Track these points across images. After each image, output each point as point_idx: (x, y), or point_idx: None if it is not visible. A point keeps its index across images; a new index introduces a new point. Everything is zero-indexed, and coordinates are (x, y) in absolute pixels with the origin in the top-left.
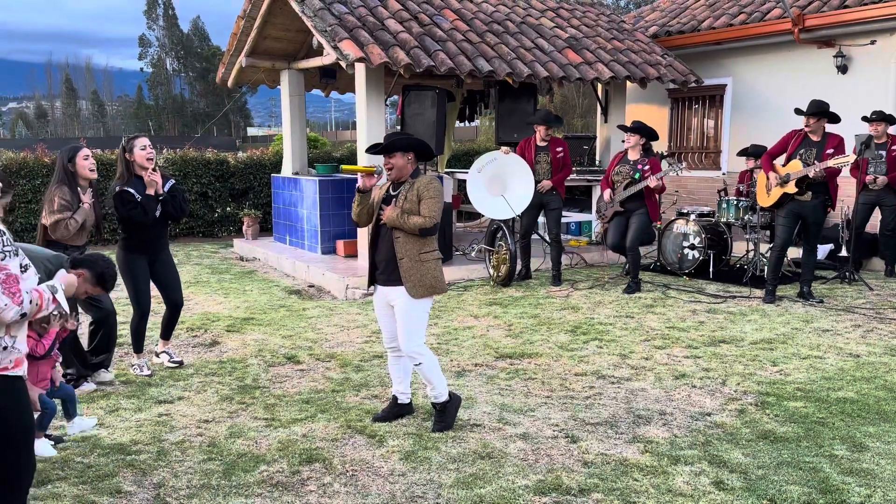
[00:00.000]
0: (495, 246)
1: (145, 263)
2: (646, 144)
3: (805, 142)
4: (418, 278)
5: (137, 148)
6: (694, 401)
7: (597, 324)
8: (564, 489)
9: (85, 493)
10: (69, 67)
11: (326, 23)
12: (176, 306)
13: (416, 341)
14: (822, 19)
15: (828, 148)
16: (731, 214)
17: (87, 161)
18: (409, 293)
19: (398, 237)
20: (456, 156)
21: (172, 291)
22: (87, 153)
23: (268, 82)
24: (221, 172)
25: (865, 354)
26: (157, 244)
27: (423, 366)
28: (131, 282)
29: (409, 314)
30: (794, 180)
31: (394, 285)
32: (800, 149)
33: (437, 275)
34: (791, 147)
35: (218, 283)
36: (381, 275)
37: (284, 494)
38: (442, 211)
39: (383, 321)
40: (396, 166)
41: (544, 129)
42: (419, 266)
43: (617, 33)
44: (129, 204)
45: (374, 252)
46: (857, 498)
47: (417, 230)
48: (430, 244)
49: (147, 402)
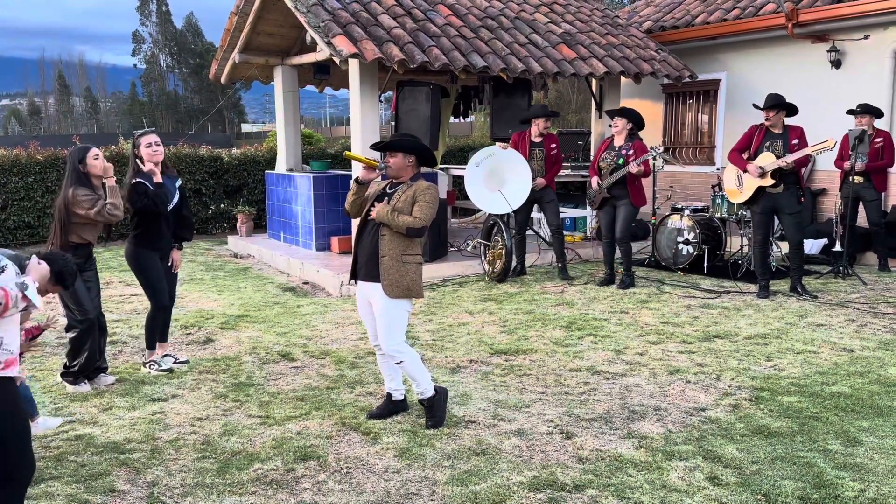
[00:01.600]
0: (491, 241)
1: (157, 258)
2: (632, 130)
3: (768, 135)
4: (396, 278)
5: (143, 145)
6: (688, 396)
7: (591, 319)
8: (559, 485)
9: (78, 491)
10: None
11: (320, 18)
12: (171, 300)
13: (396, 340)
14: (815, 14)
15: (792, 139)
16: (725, 209)
17: (98, 160)
18: (384, 291)
19: (384, 234)
20: (450, 151)
21: (170, 289)
22: (97, 152)
23: (261, 78)
24: (215, 169)
25: (859, 349)
26: (168, 240)
27: (404, 364)
28: (145, 277)
29: (387, 313)
30: (770, 172)
31: (372, 281)
32: (765, 142)
33: (416, 278)
34: (756, 141)
35: (212, 280)
36: (362, 269)
37: (279, 492)
38: (433, 218)
39: (365, 318)
40: (395, 165)
41: (543, 123)
42: (399, 266)
43: (611, 28)
44: (144, 195)
45: (358, 246)
46: (850, 492)
47: (405, 229)
48: (414, 247)
49: (141, 400)
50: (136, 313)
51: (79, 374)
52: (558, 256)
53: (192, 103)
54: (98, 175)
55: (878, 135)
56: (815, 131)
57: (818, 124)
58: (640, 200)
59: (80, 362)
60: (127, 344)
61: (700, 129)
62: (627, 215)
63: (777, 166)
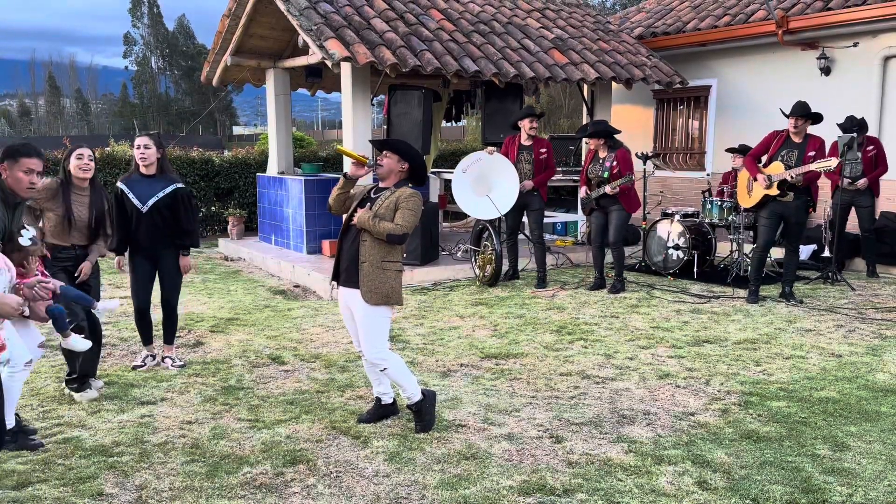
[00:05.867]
0: (481, 246)
1: (143, 261)
2: (608, 142)
3: (787, 143)
4: (375, 285)
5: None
6: (678, 401)
7: (582, 324)
8: (549, 489)
9: (66, 495)
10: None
11: (312, 22)
12: (166, 304)
13: (378, 347)
14: (805, 21)
15: (809, 150)
16: (715, 215)
17: (80, 161)
18: (363, 297)
19: (365, 240)
20: (442, 155)
21: (162, 289)
22: (81, 153)
23: (253, 81)
24: (206, 171)
25: (847, 354)
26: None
27: (388, 370)
28: (130, 279)
29: (367, 321)
30: (776, 182)
31: (352, 287)
32: (782, 150)
33: (395, 286)
34: (773, 148)
35: (202, 283)
36: (343, 274)
37: (268, 496)
38: (415, 226)
39: (348, 324)
40: (387, 166)
41: (529, 123)
42: (379, 273)
43: (602, 34)
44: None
45: (341, 250)
46: (838, 497)
47: (385, 235)
48: (395, 254)
49: (129, 404)
50: (125, 316)
51: (83, 379)
52: (538, 266)
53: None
54: (77, 176)
55: (869, 142)
56: None
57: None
58: (632, 206)
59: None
60: (116, 346)
61: (690, 134)
62: (620, 221)
63: (782, 178)
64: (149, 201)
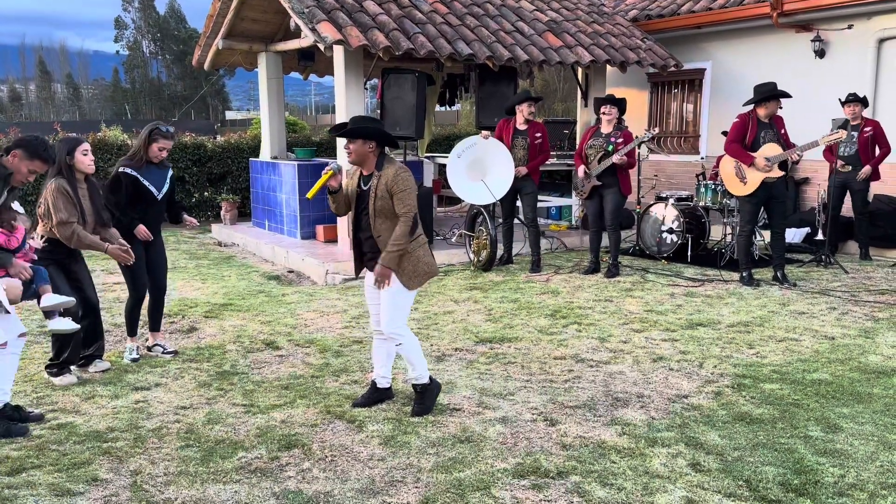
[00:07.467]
0: (475, 231)
1: (138, 247)
2: (620, 119)
3: (760, 124)
4: (412, 270)
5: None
6: (671, 383)
7: (576, 308)
8: (543, 472)
9: (60, 480)
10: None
11: (304, 4)
12: (159, 290)
13: (398, 322)
14: (800, 3)
15: (780, 128)
16: (709, 198)
17: (87, 157)
18: (404, 285)
19: (380, 235)
20: (436, 140)
21: (157, 275)
22: (87, 148)
23: (245, 65)
24: (199, 157)
25: (840, 336)
26: (155, 229)
27: (403, 346)
28: (127, 266)
29: (394, 297)
30: (778, 164)
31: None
32: (760, 132)
33: (429, 259)
34: (751, 132)
35: (196, 268)
36: (371, 261)
37: (263, 480)
38: (416, 198)
39: (372, 305)
40: (356, 152)
41: (527, 108)
42: (408, 257)
43: (597, 17)
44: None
45: (359, 242)
46: (830, 478)
47: (406, 238)
48: (415, 231)
49: (124, 389)
50: (118, 301)
51: (63, 365)
52: (532, 249)
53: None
54: (83, 171)
55: (866, 124)
56: (799, 120)
57: (803, 113)
58: (627, 189)
59: (66, 356)
60: (110, 332)
61: (685, 118)
62: (616, 203)
63: (785, 158)
64: (163, 189)
